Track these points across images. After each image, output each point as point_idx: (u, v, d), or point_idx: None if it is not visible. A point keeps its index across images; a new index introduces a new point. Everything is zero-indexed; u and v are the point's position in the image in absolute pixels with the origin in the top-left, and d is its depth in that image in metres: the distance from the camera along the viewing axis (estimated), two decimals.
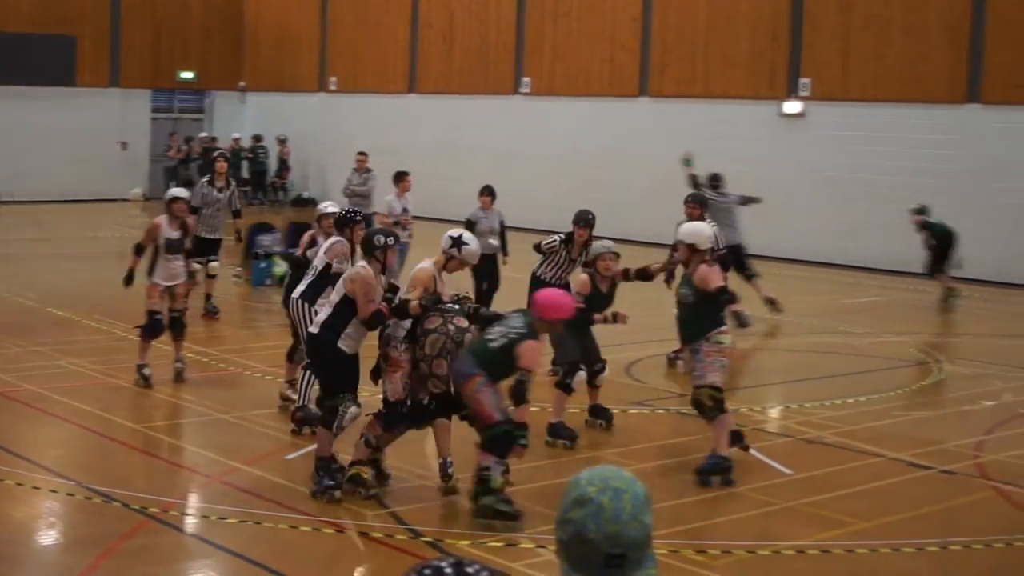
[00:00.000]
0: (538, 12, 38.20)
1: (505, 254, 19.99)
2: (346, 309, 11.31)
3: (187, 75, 44.88)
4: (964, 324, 23.04)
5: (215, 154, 22.34)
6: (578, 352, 13.83)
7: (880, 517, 11.37)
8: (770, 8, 32.96)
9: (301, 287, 13.35)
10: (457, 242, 11.68)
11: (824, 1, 32.01)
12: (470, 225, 19.60)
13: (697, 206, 17.82)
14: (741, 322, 19.36)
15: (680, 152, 23.71)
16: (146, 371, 15.39)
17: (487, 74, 39.55)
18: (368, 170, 26.56)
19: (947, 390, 16.65)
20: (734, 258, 20.14)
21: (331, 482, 11.20)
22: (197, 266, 19.48)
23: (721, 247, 16.86)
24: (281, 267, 24.26)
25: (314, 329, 11.60)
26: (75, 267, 27.13)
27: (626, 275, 14.29)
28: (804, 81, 32.51)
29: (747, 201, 22.20)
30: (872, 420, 15.11)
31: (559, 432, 13.53)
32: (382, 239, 11.61)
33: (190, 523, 10.84)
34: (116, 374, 16.10)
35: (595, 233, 15.38)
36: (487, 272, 19.50)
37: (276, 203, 41.56)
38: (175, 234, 15.71)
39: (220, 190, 20.46)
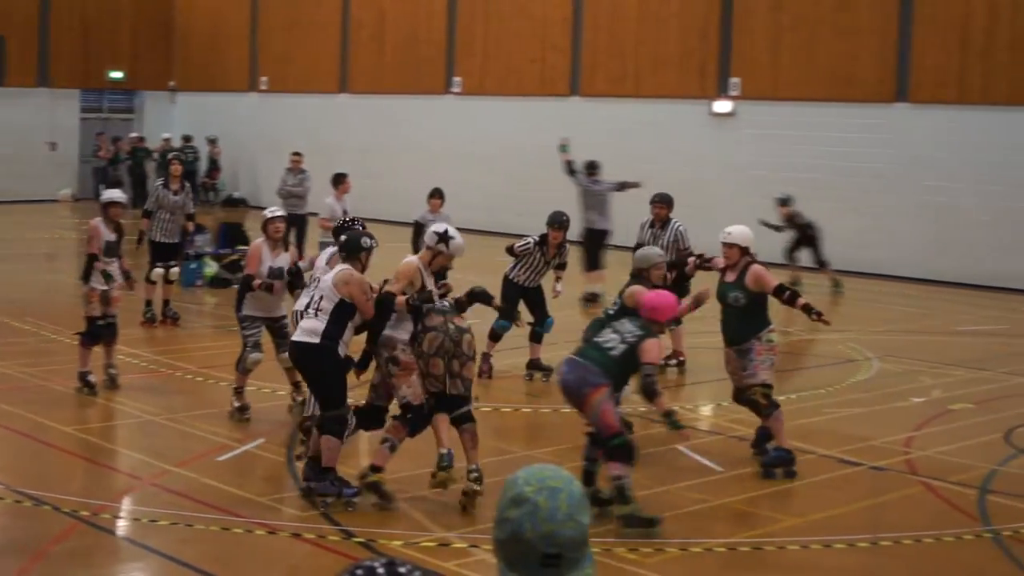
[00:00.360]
0: (469, 12, 38.21)
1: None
2: (344, 314, 11.14)
3: (116, 75, 44.50)
4: (894, 321, 23.21)
5: (170, 156, 21.90)
6: None
7: (811, 513, 11.47)
8: (700, 8, 33.11)
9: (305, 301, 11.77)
10: (443, 237, 11.67)
11: (754, 1, 32.19)
12: (419, 228, 19.64)
13: (664, 205, 17.98)
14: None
15: (569, 151, 23.99)
16: (91, 378, 15.22)
17: (418, 74, 39.52)
18: (302, 171, 26.50)
19: (877, 387, 16.79)
20: (591, 244, 20.90)
21: (352, 490, 11.04)
22: (159, 271, 19.75)
23: (685, 246, 17.14)
24: (212, 268, 24.17)
25: (312, 339, 11.12)
26: (4, 269, 26.90)
27: (665, 279, 13.85)
28: (734, 80, 32.69)
29: (624, 186, 23.16)
30: (802, 417, 15.21)
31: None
32: (368, 241, 11.61)
33: (122, 526, 10.79)
34: (47, 377, 15.99)
35: (535, 231, 15.44)
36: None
37: (207, 203, 41.30)
38: (112, 237, 15.60)
39: (176, 192, 20.13)
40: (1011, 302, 25.52)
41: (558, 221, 16.12)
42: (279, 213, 14.78)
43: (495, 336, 16.52)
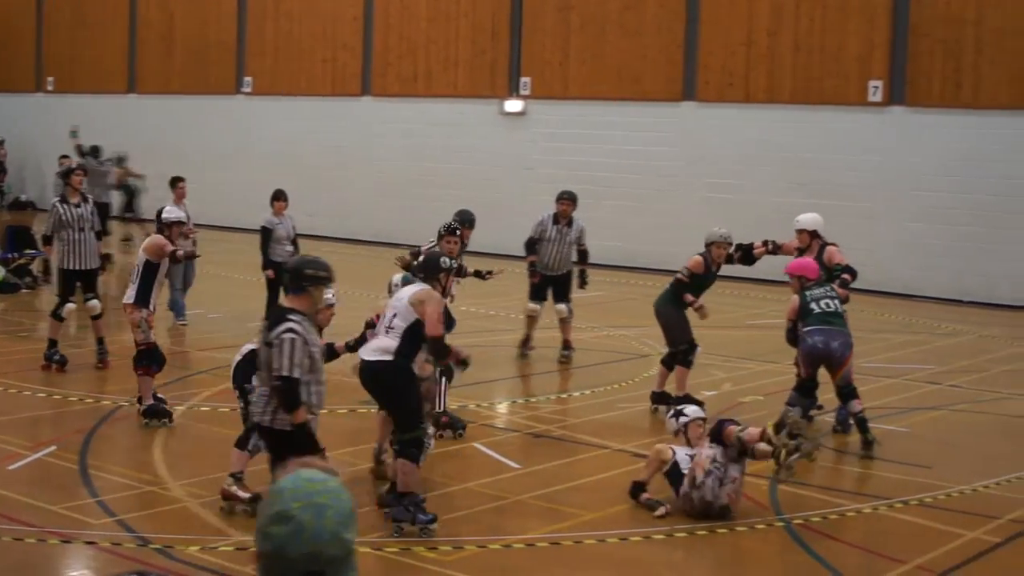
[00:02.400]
0: (259, 12, 37.92)
1: None
2: (417, 333, 10.79)
3: None
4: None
5: (74, 167, 18.56)
6: (689, 332, 15.43)
7: (607, 508, 11.59)
8: (490, 7, 33.27)
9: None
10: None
11: (543, 1, 32.44)
12: (267, 232, 19.43)
13: (569, 202, 18.55)
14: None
15: (79, 137, 24.80)
16: None
17: (208, 74, 39.13)
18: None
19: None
20: (102, 216, 22.19)
21: (428, 517, 10.58)
22: (71, 306, 17.27)
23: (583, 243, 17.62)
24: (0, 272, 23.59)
25: (386, 357, 10.81)
26: None
27: (729, 259, 15.78)
28: (524, 80, 32.90)
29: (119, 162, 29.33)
30: (597, 413, 15.38)
31: (663, 399, 15.28)
32: (447, 262, 11.53)
33: None
34: None
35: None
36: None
37: None
38: None
39: (77, 206, 17.37)
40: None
41: (469, 220, 16.12)
42: (179, 215, 15.32)
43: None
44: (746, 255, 15.94)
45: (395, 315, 10.90)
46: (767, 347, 19.90)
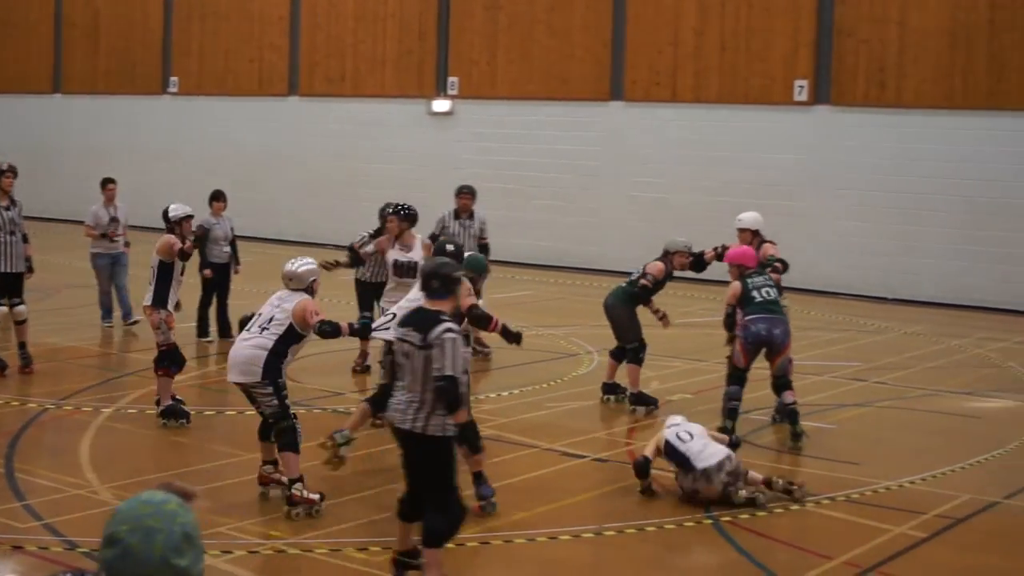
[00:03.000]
0: (185, 11, 37.73)
1: (237, 263, 19.82)
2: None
3: None
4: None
5: (4, 168, 17.19)
6: (640, 331, 15.91)
7: (537, 507, 11.61)
8: (417, 7, 33.26)
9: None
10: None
11: (470, 1, 32.44)
12: (203, 232, 19.31)
13: (469, 196, 18.83)
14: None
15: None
16: None
17: (134, 74, 38.90)
18: None
19: (598, 380, 17.01)
20: None
21: (490, 490, 11.43)
22: (2, 309, 17.43)
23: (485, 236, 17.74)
24: None
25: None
26: None
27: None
28: (452, 80, 32.91)
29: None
30: (526, 412, 15.40)
31: (643, 399, 15.65)
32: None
33: None
34: None
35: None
36: (219, 282, 19.20)
37: None
38: None
39: (7, 208, 16.90)
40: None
41: (406, 211, 16.24)
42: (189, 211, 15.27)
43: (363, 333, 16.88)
44: (697, 262, 16.12)
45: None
46: (693, 345, 20.01)
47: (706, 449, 11.74)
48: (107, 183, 20.85)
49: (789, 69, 28.52)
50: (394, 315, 12.67)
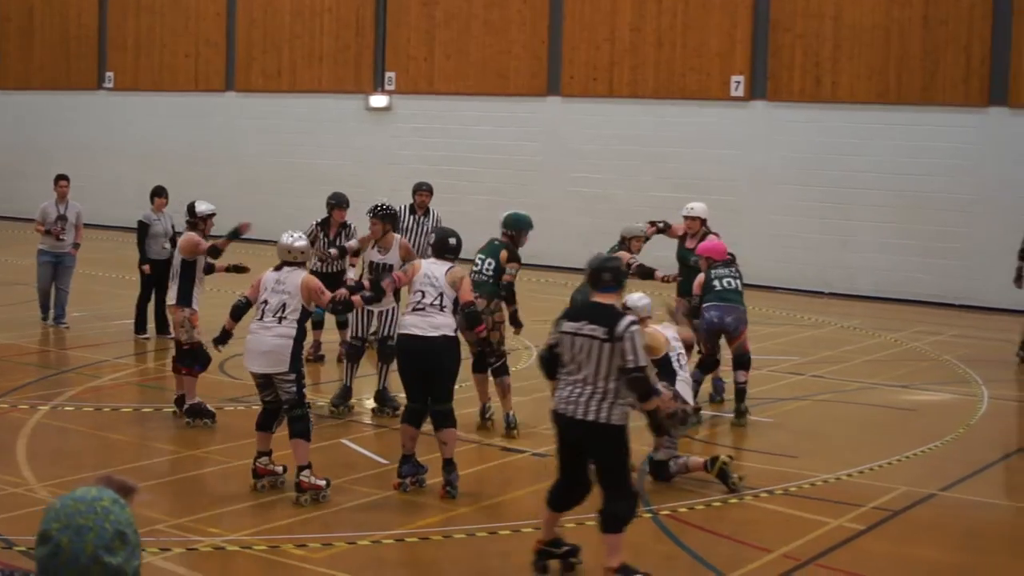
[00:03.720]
0: (120, 6, 37.50)
1: None
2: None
3: None
4: (551, 311, 23.58)
5: None
6: None
7: (477, 502, 11.62)
8: (354, 2, 33.19)
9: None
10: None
11: None
12: (143, 227, 19.17)
13: (428, 192, 18.97)
14: None
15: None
16: None
17: (69, 69, 38.62)
18: None
19: (537, 374, 17.00)
20: None
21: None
22: None
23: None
24: None
25: (449, 332, 11.85)
26: None
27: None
28: (389, 75, 32.86)
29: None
30: (466, 407, 15.37)
31: None
32: (454, 241, 12.30)
33: None
34: None
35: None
36: (159, 279, 18.96)
37: None
38: None
39: None
40: (669, 289, 26.20)
41: (346, 202, 17.40)
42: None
43: (316, 324, 17.39)
44: (644, 273, 16.18)
45: (442, 294, 11.77)
46: None
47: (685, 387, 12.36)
48: (59, 179, 20.76)
49: (725, 65, 28.64)
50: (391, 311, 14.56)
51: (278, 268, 11.82)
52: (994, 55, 26.14)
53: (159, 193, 19.86)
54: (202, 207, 14.93)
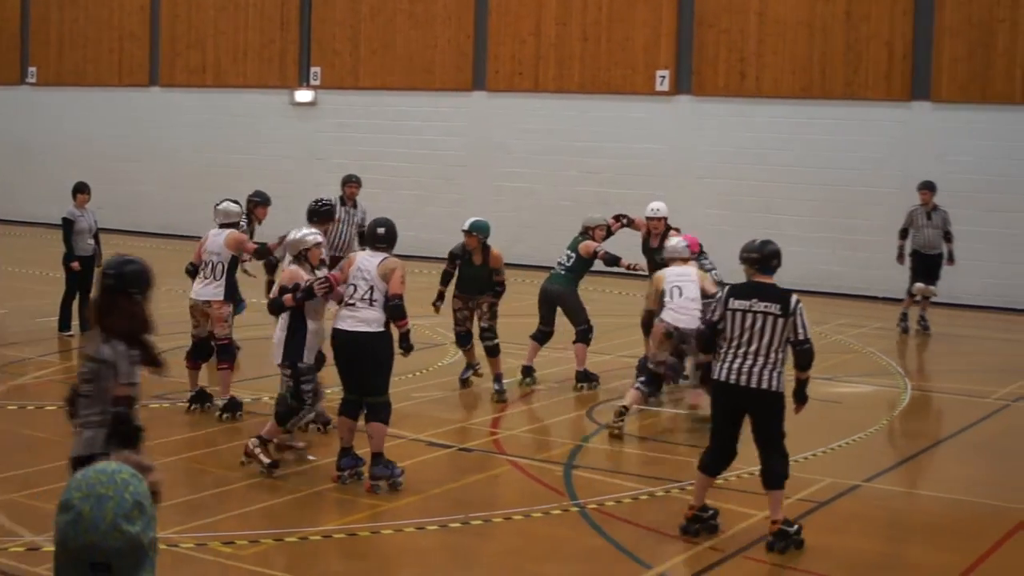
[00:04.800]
0: (43, 0, 37.19)
1: (100, 257, 19.28)
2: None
3: None
4: None
5: None
6: (586, 313, 16.98)
7: (403, 498, 11.61)
8: None
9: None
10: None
11: None
12: (68, 224, 18.98)
13: (356, 184, 19.68)
14: None
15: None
16: None
17: None
18: None
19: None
20: None
21: (400, 471, 12.04)
22: None
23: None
24: None
25: (377, 328, 11.84)
26: None
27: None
28: (315, 70, 32.78)
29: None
30: (392, 402, 15.36)
31: (587, 376, 16.63)
32: (383, 231, 12.58)
33: None
34: None
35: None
36: (84, 276, 18.75)
37: None
38: None
39: None
40: (603, 284, 26.29)
41: (268, 200, 17.76)
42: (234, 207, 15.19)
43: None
44: (611, 261, 16.62)
45: (373, 288, 11.82)
46: (562, 335, 20.07)
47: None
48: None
49: (650, 59, 28.76)
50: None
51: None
52: (916, 50, 26.40)
53: (81, 189, 19.66)
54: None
